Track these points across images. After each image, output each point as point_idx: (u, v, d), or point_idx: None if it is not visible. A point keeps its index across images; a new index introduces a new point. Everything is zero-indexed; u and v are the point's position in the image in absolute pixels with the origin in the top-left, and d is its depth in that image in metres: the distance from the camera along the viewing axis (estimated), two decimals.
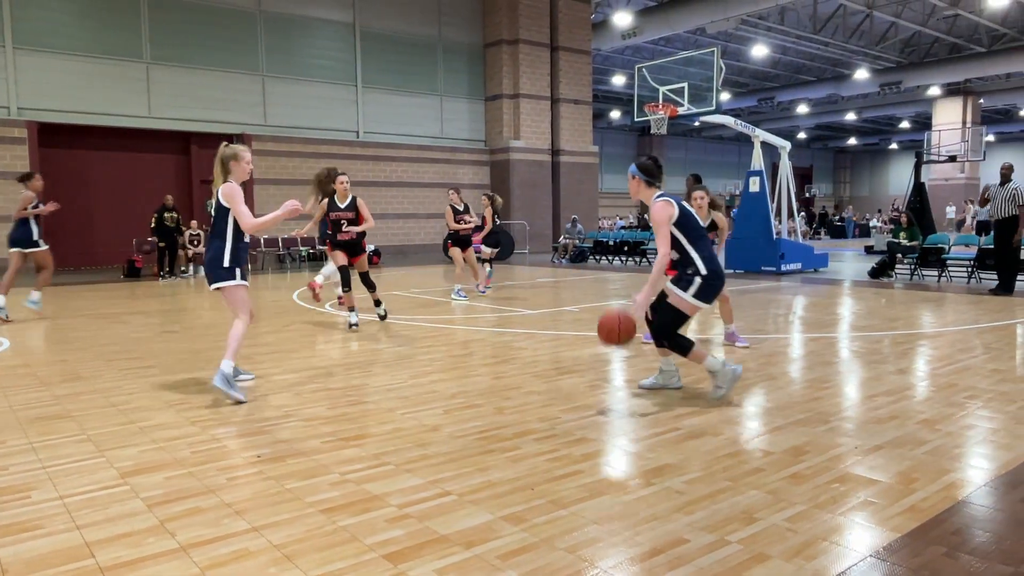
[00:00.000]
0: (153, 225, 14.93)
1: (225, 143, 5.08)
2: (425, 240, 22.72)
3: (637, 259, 18.71)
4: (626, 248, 19.24)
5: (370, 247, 18.99)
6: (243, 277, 4.89)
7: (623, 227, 35.42)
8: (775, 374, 5.47)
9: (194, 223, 16.63)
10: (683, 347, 4.59)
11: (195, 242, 16.32)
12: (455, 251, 10.84)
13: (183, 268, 15.95)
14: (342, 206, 7.72)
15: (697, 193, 6.56)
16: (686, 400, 4.69)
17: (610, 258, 19.47)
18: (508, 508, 2.96)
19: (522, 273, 15.57)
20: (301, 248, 19.39)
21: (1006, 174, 10.70)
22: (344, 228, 7.69)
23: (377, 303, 8.26)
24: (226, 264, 4.81)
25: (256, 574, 2.45)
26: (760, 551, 2.57)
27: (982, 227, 24.66)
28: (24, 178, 8.89)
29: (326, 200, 7.84)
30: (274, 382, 5.34)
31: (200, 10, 18.45)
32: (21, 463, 3.59)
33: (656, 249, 4.61)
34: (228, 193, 4.78)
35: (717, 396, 4.59)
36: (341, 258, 7.80)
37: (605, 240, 20.06)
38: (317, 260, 19.40)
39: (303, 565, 2.50)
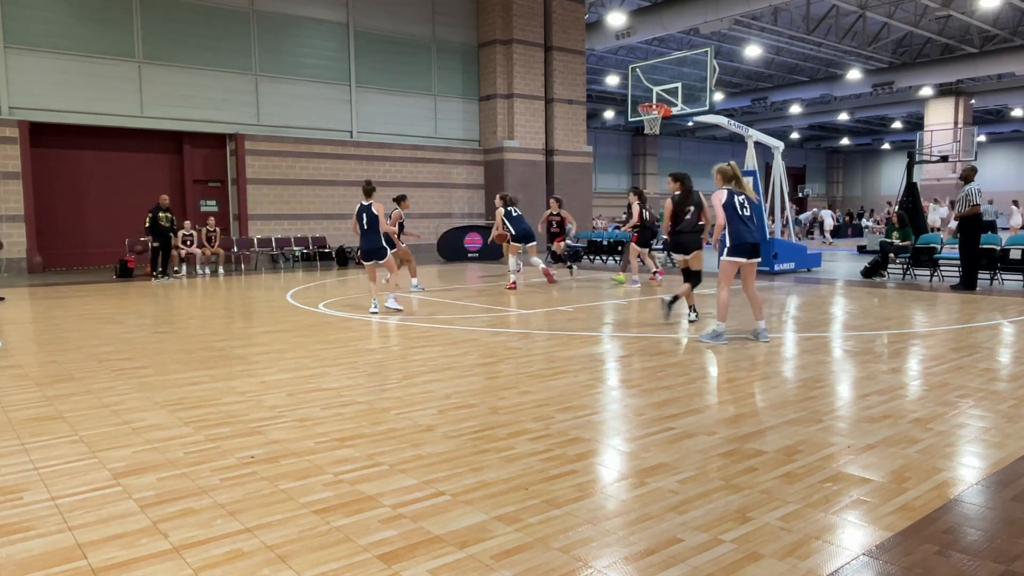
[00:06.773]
0: (148, 224, 14.84)
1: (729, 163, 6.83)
2: (420, 239, 22.64)
3: None
4: (620, 248, 19.25)
5: None
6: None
7: (617, 227, 35.48)
8: (768, 373, 5.48)
9: (187, 223, 16.56)
10: None
11: (188, 242, 16.25)
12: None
13: (176, 268, 15.88)
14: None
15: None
16: (679, 400, 4.70)
17: (604, 258, 19.49)
18: (502, 508, 2.97)
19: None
20: (295, 248, 19.35)
21: (967, 176, 10.93)
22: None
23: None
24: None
25: (249, 575, 2.44)
26: (753, 550, 2.58)
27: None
28: None
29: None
30: (267, 382, 5.33)
31: (193, 9, 18.37)
32: (13, 464, 3.58)
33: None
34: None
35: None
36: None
37: (599, 240, 20.07)
38: (310, 260, 19.37)
39: (296, 566, 2.49)
